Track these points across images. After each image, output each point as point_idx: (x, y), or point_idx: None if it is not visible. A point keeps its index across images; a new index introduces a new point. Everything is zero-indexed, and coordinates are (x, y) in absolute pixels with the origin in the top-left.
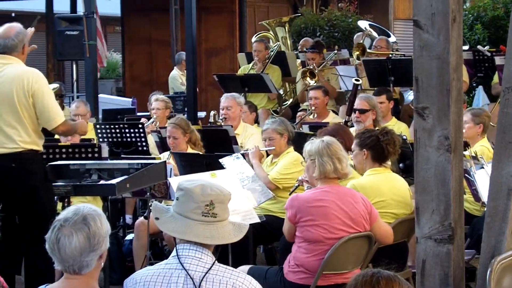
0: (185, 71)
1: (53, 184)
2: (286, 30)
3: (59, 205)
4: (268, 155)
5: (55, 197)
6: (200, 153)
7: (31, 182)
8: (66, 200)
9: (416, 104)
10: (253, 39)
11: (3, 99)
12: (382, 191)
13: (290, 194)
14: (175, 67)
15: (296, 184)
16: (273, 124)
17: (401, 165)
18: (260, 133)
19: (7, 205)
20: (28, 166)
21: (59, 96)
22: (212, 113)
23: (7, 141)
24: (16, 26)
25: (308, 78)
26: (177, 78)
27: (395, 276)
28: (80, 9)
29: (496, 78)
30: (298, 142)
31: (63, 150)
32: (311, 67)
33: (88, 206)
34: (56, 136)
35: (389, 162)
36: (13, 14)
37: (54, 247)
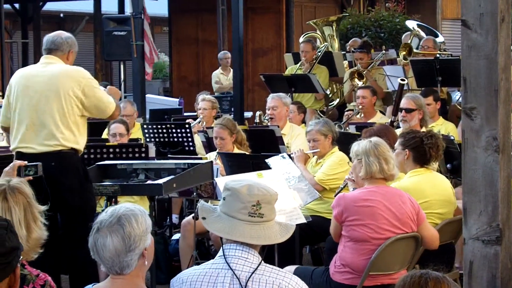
0: (230, 70)
1: (101, 184)
2: (334, 29)
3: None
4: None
5: (96, 197)
6: (247, 153)
7: (70, 182)
8: (113, 199)
9: (464, 104)
10: (301, 39)
11: (49, 97)
12: (425, 192)
13: (336, 195)
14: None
15: (342, 186)
16: (317, 125)
17: (448, 165)
18: None
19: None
20: (67, 166)
21: None
22: (258, 113)
23: (50, 137)
24: (67, 33)
25: (356, 79)
26: (214, 76)
27: (444, 277)
28: (128, 10)
29: None
30: (344, 142)
31: (111, 150)
32: (359, 67)
33: (124, 206)
34: (104, 136)
35: (434, 164)
36: (61, 15)
37: (94, 249)
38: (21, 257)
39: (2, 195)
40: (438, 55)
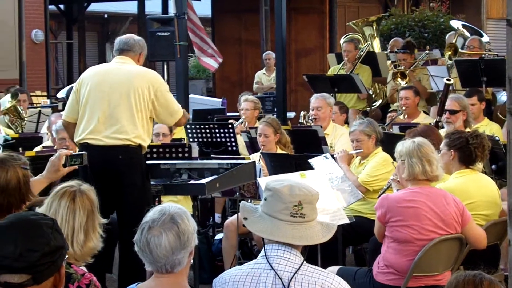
0: (273, 70)
1: None
2: (374, 29)
3: None
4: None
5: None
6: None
7: (134, 177)
8: (156, 199)
9: (509, 105)
10: (342, 39)
11: (122, 93)
12: (471, 193)
13: (379, 196)
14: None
15: (385, 187)
16: (361, 125)
17: (493, 166)
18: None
19: (105, 201)
20: (133, 161)
21: None
22: (302, 113)
23: (121, 131)
24: (139, 37)
25: (399, 79)
26: (256, 77)
27: (496, 280)
28: (172, 10)
29: None
30: (388, 143)
31: (154, 150)
32: (402, 67)
33: (173, 205)
34: None
35: (479, 165)
36: (106, 16)
37: (145, 249)
38: (67, 256)
39: (71, 196)
40: (483, 55)
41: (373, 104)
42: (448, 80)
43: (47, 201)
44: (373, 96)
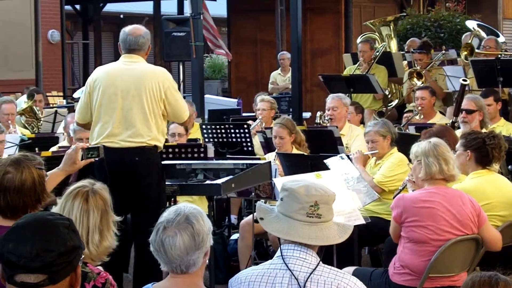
0: (288, 70)
1: None
2: (391, 29)
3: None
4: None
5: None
6: (305, 153)
7: (151, 177)
8: (172, 199)
9: None
10: (358, 39)
11: (135, 96)
12: (488, 194)
13: (395, 196)
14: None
15: (401, 188)
16: (376, 126)
17: (510, 167)
18: None
19: (120, 201)
20: (149, 162)
21: None
22: (318, 113)
23: (136, 135)
24: (143, 27)
25: (415, 79)
26: (272, 77)
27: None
28: (187, 11)
29: None
30: (403, 143)
31: (170, 150)
32: (418, 67)
33: (188, 205)
34: None
35: (496, 166)
36: (121, 16)
37: (160, 249)
38: (83, 256)
39: (84, 196)
40: (499, 56)
41: (389, 104)
42: (464, 80)
43: (60, 202)
44: (389, 96)
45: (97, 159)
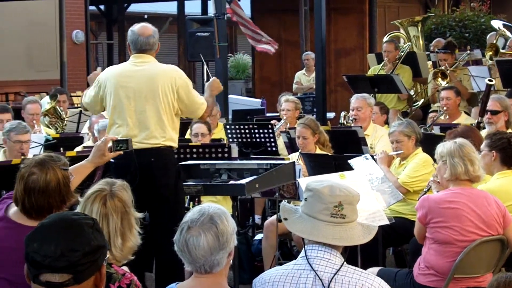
0: (313, 70)
1: (184, 183)
2: (419, 29)
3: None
4: None
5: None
6: (329, 154)
7: (167, 178)
8: (196, 199)
9: None
10: (385, 38)
11: (147, 98)
12: None
13: (420, 197)
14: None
15: (426, 189)
16: (400, 126)
17: None
18: None
19: (138, 202)
20: (165, 162)
21: None
22: (342, 113)
23: (150, 137)
24: (150, 25)
25: (439, 79)
26: (296, 77)
27: None
28: (211, 11)
29: None
30: (428, 143)
31: (194, 150)
32: (443, 67)
33: (212, 205)
34: (187, 136)
35: None
36: (145, 16)
37: (184, 249)
38: (108, 256)
39: (102, 201)
40: None
41: (414, 104)
42: (489, 80)
43: (80, 206)
44: (414, 96)
45: (126, 151)
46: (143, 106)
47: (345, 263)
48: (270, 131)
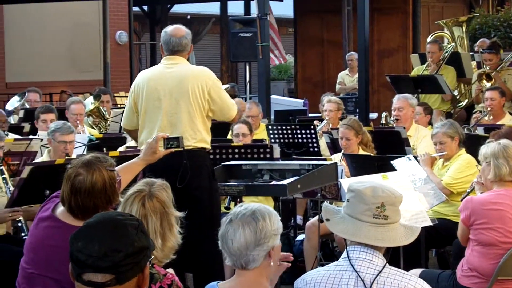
0: (356, 71)
1: (226, 184)
2: (463, 30)
3: (231, 204)
4: None
5: (223, 197)
6: (372, 154)
7: (200, 180)
8: (238, 199)
9: None
10: (428, 39)
11: (178, 99)
12: None
13: (463, 198)
14: None
15: (469, 190)
16: (443, 127)
17: None
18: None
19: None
20: (199, 164)
21: (232, 97)
22: (384, 114)
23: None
24: (183, 26)
25: (484, 81)
26: (339, 77)
27: None
28: (254, 11)
29: None
30: (471, 144)
31: (236, 150)
32: (487, 68)
33: (260, 204)
34: (229, 137)
35: None
36: (188, 17)
37: (223, 239)
38: (152, 257)
39: (141, 202)
40: None
41: (458, 105)
42: None
43: (120, 207)
44: (458, 97)
45: (177, 149)
46: (175, 108)
47: (387, 264)
48: (312, 131)
